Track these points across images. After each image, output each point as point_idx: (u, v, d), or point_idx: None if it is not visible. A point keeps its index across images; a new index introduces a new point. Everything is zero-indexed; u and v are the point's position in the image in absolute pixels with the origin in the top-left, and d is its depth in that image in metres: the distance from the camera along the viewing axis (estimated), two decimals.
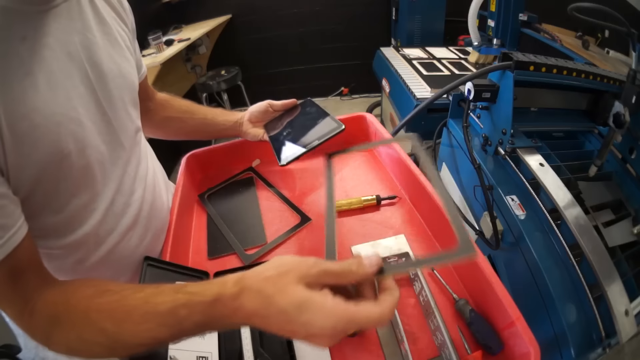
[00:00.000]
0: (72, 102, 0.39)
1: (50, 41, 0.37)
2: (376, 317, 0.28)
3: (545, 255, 0.63)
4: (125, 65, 0.49)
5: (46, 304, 0.35)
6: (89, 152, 0.41)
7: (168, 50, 1.88)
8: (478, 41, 1.48)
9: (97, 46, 0.43)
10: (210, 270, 0.55)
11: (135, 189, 0.51)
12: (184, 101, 0.71)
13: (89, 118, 0.41)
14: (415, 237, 0.60)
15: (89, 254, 0.46)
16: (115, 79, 0.46)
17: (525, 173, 0.73)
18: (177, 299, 0.30)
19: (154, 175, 0.59)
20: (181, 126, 0.70)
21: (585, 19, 0.67)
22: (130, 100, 0.51)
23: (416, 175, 0.61)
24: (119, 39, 0.48)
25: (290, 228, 0.63)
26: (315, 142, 0.58)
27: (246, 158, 0.81)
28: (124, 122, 0.48)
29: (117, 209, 0.48)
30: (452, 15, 2.12)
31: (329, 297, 0.28)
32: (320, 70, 2.93)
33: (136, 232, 0.51)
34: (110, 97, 0.45)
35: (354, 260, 0.30)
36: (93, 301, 0.34)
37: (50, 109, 0.36)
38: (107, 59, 0.44)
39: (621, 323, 0.53)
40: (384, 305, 0.28)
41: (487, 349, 0.43)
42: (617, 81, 0.79)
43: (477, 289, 0.48)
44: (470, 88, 0.78)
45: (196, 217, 0.71)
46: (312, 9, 2.64)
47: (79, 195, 0.42)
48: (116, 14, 0.49)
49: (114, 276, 0.51)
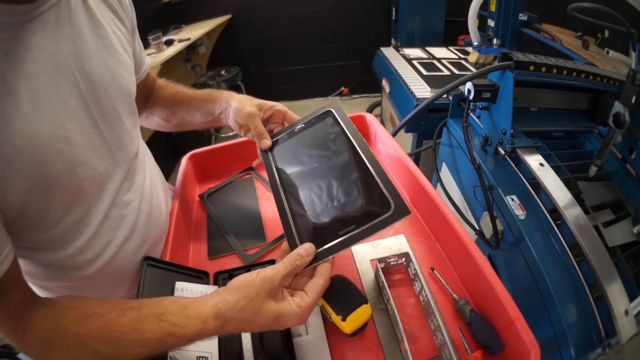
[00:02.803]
0: (59, 118, 0.36)
1: (34, 54, 0.34)
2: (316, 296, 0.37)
3: (545, 255, 0.63)
4: (121, 72, 0.46)
5: (35, 326, 0.35)
6: (80, 170, 0.40)
7: (168, 50, 1.88)
8: (478, 41, 1.48)
9: (88, 53, 0.40)
10: (210, 270, 0.55)
11: (131, 200, 0.50)
12: (169, 91, 0.65)
13: (80, 132, 0.39)
14: (416, 237, 0.60)
15: (85, 266, 0.45)
16: (109, 87, 0.43)
17: (525, 173, 0.73)
18: (163, 328, 0.33)
19: (151, 184, 0.57)
20: (162, 124, 0.67)
21: (585, 19, 0.67)
22: (125, 109, 0.48)
23: (416, 176, 0.61)
24: (114, 42, 0.45)
25: None
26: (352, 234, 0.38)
27: (246, 158, 0.81)
28: (118, 133, 0.46)
29: (112, 222, 0.47)
30: (452, 15, 2.12)
31: (293, 303, 0.35)
32: (320, 70, 2.93)
33: (133, 242, 0.50)
34: (103, 108, 0.43)
35: (294, 256, 0.37)
36: (81, 326, 0.34)
37: (34, 130, 0.34)
38: (99, 67, 0.42)
39: (621, 323, 0.53)
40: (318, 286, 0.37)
41: (487, 349, 0.43)
42: (617, 81, 0.79)
43: (477, 289, 0.49)
44: (470, 88, 0.78)
45: (196, 217, 0.71)
46: (312, 9, 2.63)
47: (71, 211, 0.41)
48: (113, 13, 0.47)
49: (113, 286, 0.51)
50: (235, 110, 0.55)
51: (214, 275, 0.55)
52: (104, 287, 0.50)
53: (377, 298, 0.51)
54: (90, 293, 0.48)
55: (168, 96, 0.64)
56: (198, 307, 0.34)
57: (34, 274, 0.45)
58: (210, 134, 2.53)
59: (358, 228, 0.38)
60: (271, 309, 0.34)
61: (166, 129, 0.68)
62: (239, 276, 0.36)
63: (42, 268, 0.44)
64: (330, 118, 0.51)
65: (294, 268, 0.36)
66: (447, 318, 0.48)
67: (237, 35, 2.72)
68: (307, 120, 0.53)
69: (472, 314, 0.46)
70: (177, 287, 0.48)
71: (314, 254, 0.38)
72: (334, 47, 2.82)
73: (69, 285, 0.47)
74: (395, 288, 0.52)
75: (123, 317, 0.34)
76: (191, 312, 0.34)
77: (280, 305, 0.35)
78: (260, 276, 0.35)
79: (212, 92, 0.61)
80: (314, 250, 0.38)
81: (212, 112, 0.60)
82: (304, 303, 0.35)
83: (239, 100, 0.57)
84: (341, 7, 2.63)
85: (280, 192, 0.46)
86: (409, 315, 0.48)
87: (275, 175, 0.49)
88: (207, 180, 0.80)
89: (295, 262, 0.36)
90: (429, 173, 1.26)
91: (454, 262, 0.54)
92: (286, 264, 0.36)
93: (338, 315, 0.43)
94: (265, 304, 0.34)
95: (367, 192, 0.40)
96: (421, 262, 0.56)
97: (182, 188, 0.67)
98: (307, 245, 0.38)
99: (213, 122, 0.61)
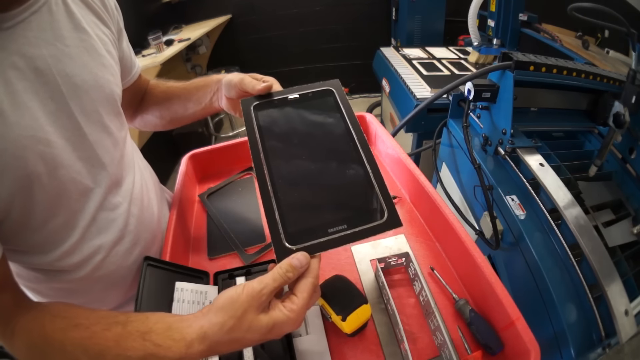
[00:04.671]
0: (39, 121, 0.37)
1: (15, 59, 0.35)
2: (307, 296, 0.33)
3: (545, 255, 0.63)
4: (103, 74, 0.46)
5: (23, 330, 0.35)
6: (62, 173, 0.40)
7: (168, 50, 1.88)
8: (478, 41, 1.48)
9: (70, 57, 0.41)
10: (210, 270, 0.55)
11: (119, 204, 0.49)
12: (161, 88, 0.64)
13: (61, 135, 0.40)
14: (416, 237, 0.60)
15: (74, 269, 0.45)
16: (91, 90, 0.43)
17: (525, 173, 0.73)
18: (146, 348, 0.32)
19: (142, 186, 0.56)
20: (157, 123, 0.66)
21: (585, 19, 0.67)
22: (108, 111, 0.48)
23: (416, 176, 0.61)
24: (97, 45, 0.45)
25: None
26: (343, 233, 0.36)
27: (246, 158, 0.81)
28: (100, 136, 0.46)
29: (99, 225, 0.46)
30: (452, 15, 2.12)
31: (285, 309, 0.32)
32: (320, 70, 2.94)
33: (122, 246, 0.50)
34: (85, 111, 0.43)
35: (285, 267, 0.33)
36: (67, 335, 0.34)
37: (15, 132, 0.34)
38: (81, 70, 0.42)
39: (621, 323, 0.53)
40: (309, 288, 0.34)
41: (487, 349, 0.43)
42: (617, 81, 0.79)
43: (477, 289, 0.49)
44: (470, 88, 0.78)
45: (196, 217, 0.71)
46: (312, 9, 2.64)
47: (56, 214, 0.41)
48: (96, 17, 0.47)
49: (105, 290, 0.50)
50: (227, 84, 0.53)
51: (214, 275, 0.55)
52: (95, 290, 0.49)
53: (377, 298, 0.51)
54: (82, 296, 0.49)
55: (160, 93, 0.64)
56: (183, 329, 0.32)
57: (24, 276, 0.45)
58: (210, 134, 2.53)
59: (350, 229, 0.35)
60: (262, 323, 0.32)
61: (162, 128, 0.67)
62: (224, 292, 0.33)
63: (32, 272, 0.44)
64: (331, 99, 0.47)
65: (284, 280, 0.33)
66: (447, 318, 0.48)
67: (237, 35, 2.72)
68: (303, 92, 0.48)
69: (472, 314, 0.46)
70: (177, 287, 0.48)
71: (307, 265, 0.34)
72: (334, 47, 2.82)
73: (60, 288, 0.47)
74: (395, 288, 0.52)
75: (108, 331, 0.33)
76: (176, 334, 0.32)
77: (271, 315, 0.32)
78: (246, 291, 0.32)
79: (202, 79, 0.60)
80: (308, 260, 0.34)
81: (204, 98, 0.58)
82: (295, 306, 0.32)
83: (230, 75, 0.54)
84: (341, 7, 2.63)
85: (261, 160, 0.39)
86: (409, 315, 0.48)
87: (257, 136, 0.41)
88: (207, 180, 0.80)
89: (286, 275, 0.33)
90: (429, 173, 1.26)
91: (454, 262, 0.54)
92: (276, 277, 0.32)
93: (338, 315, 0.43)
94: (254, 320, 0.31)
95: (363, 194, 0.38)
96: (421, 262, 0.56)
97: (182, 188, 0.67)
98: (301, 255, 0.33)
99: (206, 109, 0.59)
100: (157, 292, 0.47)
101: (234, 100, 0.53)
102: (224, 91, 0.54)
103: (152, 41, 1.87)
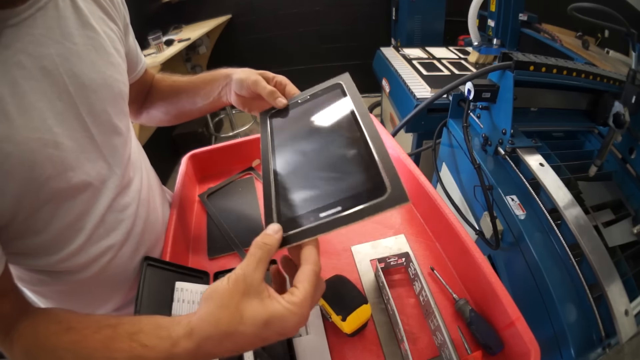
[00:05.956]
0: (47, 122, 0.36)
1: (21, 58, 0.34)
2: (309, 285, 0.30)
3: (545, 255, 0.63)
4: (111, 73, 0.45)
5: (20, 337, 0.34)
6: (71, 175, 0.39)
7: (168, 50, 1.88)
8: (478, 41, 1.48)
9: (77, 56, 0.39)
10: (210, 270, 0.55)
11: (128, 205, 0.49)
12: (167, 82, 0.63)
13: (69, 136, 0.38)
14: (415, 237, 0.60)
15: (80, 270, 0.45)
16: (99, 89, 0.42)
17: (525, 173, 0.73)
18: (133, 349, 0.30)
19: (148, 188, 0.56)
20: (163, 118, 0.65)
21: (585, 19, 0.67)
22: (117, 111, 0.47)
23: (416, 176, 0.61)
24: (105, 43, 0.44)
25: None
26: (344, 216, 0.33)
27: (246, 158, 0.81)
28: (110, 136, 0.45)
29: (108, 226, 0.46)
30: (452, 15, 2.12)
31: (283, 300, 0.29)
32: (320, 70, 2.93)
33: (128, 247, 0.49)
34: (93, 111, 0.42)
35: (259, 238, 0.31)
36: (60, 339, 0.33)
37: (22, 135, 0.33)
38: (89, 69, 0.41)
39: (621, 323, 0.53)
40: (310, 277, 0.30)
41: (487, 349, 0.43)
42: (617, 81, 0.80)
43: (477, 289, 0.49)
44: (470, 88, 0.78)
45: (196, 217, 0.71)
46: (312, 9, 2.63)
47: (64, 216, 0.40)
48: (104, 12, 0.45)
49: (108, 291, 0.50)
50: (239, 82, 0.52)
51: (214, 275, 0.55)
52: (99, 292, 0.49)
53: (377, 298, 0.51)
54: (85, 298, 0.49)
55: (166, 88, 0.63)
56: (171, 327, 0.30)
57: (27, 279, 0.45)
58: (210, 134, 2.53)
59: (343, 212, 0.32)
60: (256, 312, 0.28)
61: (168, 123, 0.66)
62: (210, 285, 0.31)
63: (35, 274, 0.44)
64: (339, 90, 0.48)
65: (263, 252, 0.30)
66: (447, 318, 0.48)
67: (237, 35, 2.72)
68: (313, 92, 0.49)
69: (472, 314, 0.46)
70: (177, 287, 0.48)
71: (281, 231, 0.32)
72: (333, 47, 2.81)
73: (63, 290, 0.46)
74: (395, 288, 0.52)
75: (97, 334, 0.32)
76: (163, 332, 0.30)
77: (266, 305, 0.28)
78: (231, 278, 0.29)
79: (210, 73, 0.58)
80: (279, 227, 0.32)
81: (212, 93, 0.57)
82: (295, 298, 0.29)
83: (241, 71, 0.53)
84: (341, 7, 2.63)
85: (269, 162, 0.41)
86: (409, 315, 0.48)
87: (268, 143, 0.43)
88: (207, 180, 0.80)
89: (264, 243, 0.31)
90: (429, 173, 1.26)
91: (454, 262, 0.54)
92: (253, 251, 0.30)
93: (338, 315, 0.43)
94: (246, 308, 0.28)
95: (361, 172, 0.35)
96: (421, 262, 0.56)
97: (182, 188, 0.67)
98: (273, 224, 0.33)
99: (213, 103, 0.58)
100: (157, 292, 0.47)
101: (244, 97, 0.53)
102: (234, 88, 0.53)
103: (152, 41, 1.87)
